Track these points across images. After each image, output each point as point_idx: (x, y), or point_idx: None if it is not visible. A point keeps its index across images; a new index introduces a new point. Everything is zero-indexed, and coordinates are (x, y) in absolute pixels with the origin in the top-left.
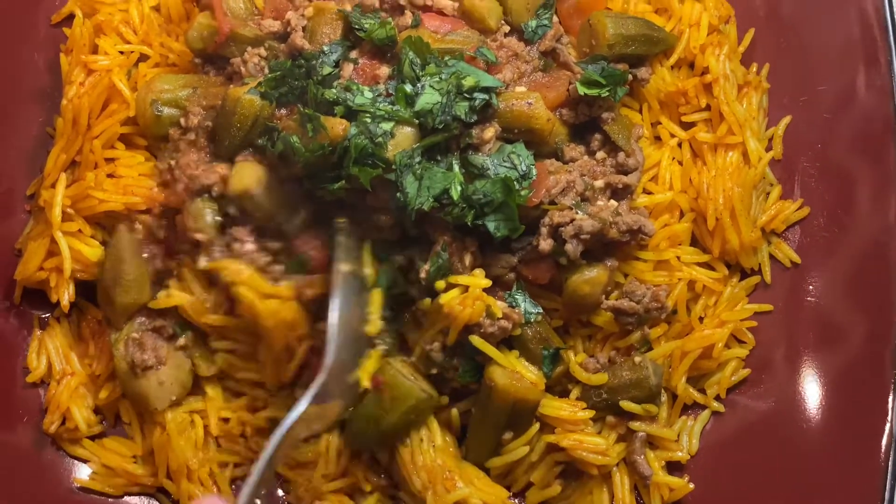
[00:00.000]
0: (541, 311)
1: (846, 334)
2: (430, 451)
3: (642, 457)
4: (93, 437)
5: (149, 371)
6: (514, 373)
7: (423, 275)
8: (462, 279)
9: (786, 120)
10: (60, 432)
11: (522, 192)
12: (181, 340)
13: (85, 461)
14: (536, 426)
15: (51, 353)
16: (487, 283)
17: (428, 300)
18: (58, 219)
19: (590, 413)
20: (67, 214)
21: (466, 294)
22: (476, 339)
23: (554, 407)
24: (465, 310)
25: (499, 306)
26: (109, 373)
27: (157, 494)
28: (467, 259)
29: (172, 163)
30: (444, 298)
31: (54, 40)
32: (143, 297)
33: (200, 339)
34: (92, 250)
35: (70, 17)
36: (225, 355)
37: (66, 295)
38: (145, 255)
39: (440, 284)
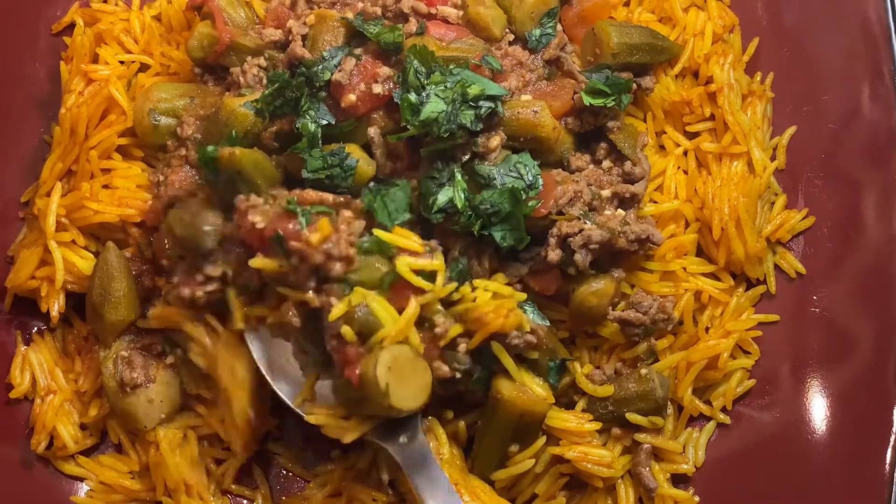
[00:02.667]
0: (548, 322)
1: (851, 345)
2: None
3: (647, 469)
4: (88, 454)
5: (138, 389)
6: (521, 385)
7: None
8: (499, 288)
9: (791, 130)
10: (53, 451)
11: (530, 203)
12: (170, 359)
13: (81, 479)
14: (543, 439)
15: (35, 368)
16: (522, 296)
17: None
18: (52, 228)
19: (596, 425)
20: (62, 224)
21: (502, 303)
22: (497, 347)
23: (560, 419)
24: (498, 318)
25: (527, 320)
26: (96, 389)
27: None
28: (486, 262)
29: (162, 178)
30: (481, 299)
31: (55, 50)
32: (131, 315)
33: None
34: (85, 262)
35: (71, 27)
36: None
37: (56, 306)
38: (134, 272)
39: (465, 290)
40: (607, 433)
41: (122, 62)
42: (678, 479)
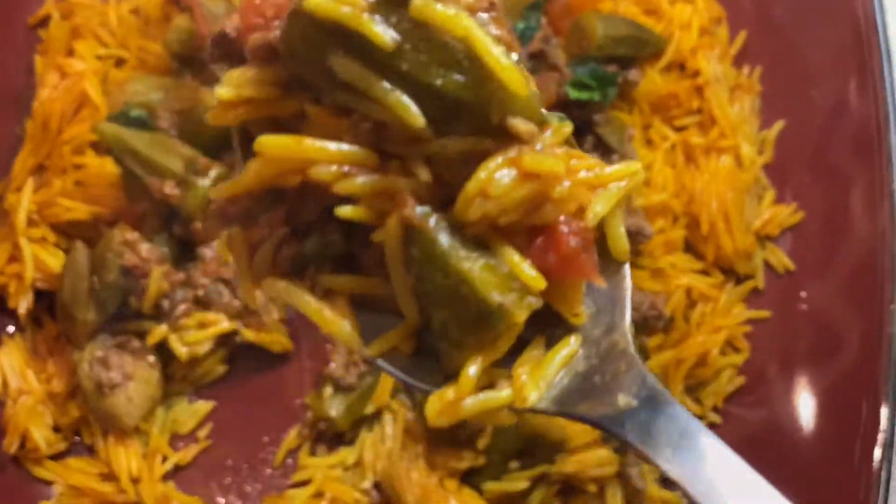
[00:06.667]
0: None
1: (838, 342)
2: (426, 467)
3: (636, 470)
4: (56, 458)
5: (116, 388)
6: None
7: None
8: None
9: (779, 124)
10: (25, 453)
11: None
12: (151, 358)
13: (50, 483)
14: (545, 468)
15: (5, 370)
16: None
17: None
18: (22, 224)
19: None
20: (32, 220)
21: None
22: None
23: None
24: None
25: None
26: (70, 390)
27: None
28: None
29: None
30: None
31: (32, 43)
32: (104, 315)
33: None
34: (55, 260)
35: (48, 20)
36: None
37: (24, 303)
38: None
39: None
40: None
41: (98, 56)
42: (667, 480)
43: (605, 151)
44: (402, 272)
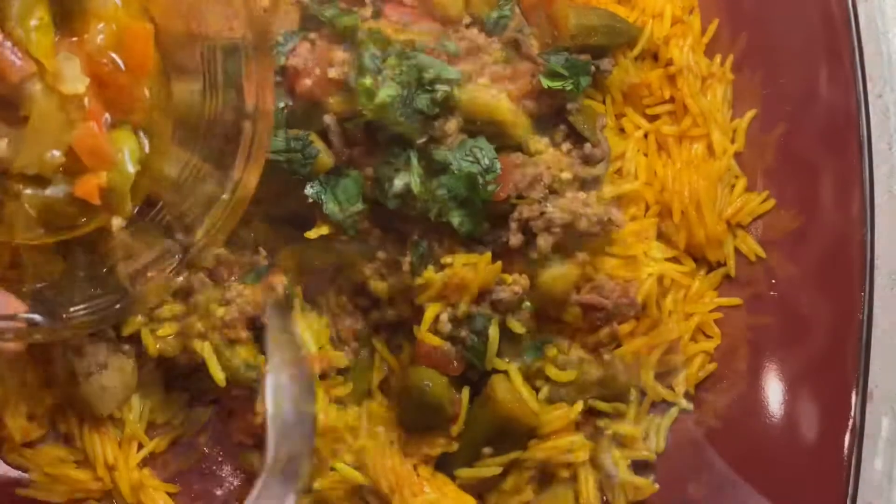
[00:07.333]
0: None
1: (810, 329)
2: (399, 453)
3: (608, 455)
4: (35, 445)
5: (91, 377)
6: (516, 391)
7: (406, 268)
8: (469, 258)
9: (750, 113)
10: None
11: (489, 188)
12: (125, 347)
13: (25, 470)
14: (518, 454)
15: None
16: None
17: (430, 271)
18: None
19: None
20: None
21: (476, 261)
22: (493, 331)
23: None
24: (478, 275)
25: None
26: (44, 380)
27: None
28: (447, 243)
29: None
30: (457, 265)
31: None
32: None
33: None
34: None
35: None
36: None
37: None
38: None
39: (429, 274)
40: None
41: None
42: (640, 466)
43: (578, 140)
44: None
